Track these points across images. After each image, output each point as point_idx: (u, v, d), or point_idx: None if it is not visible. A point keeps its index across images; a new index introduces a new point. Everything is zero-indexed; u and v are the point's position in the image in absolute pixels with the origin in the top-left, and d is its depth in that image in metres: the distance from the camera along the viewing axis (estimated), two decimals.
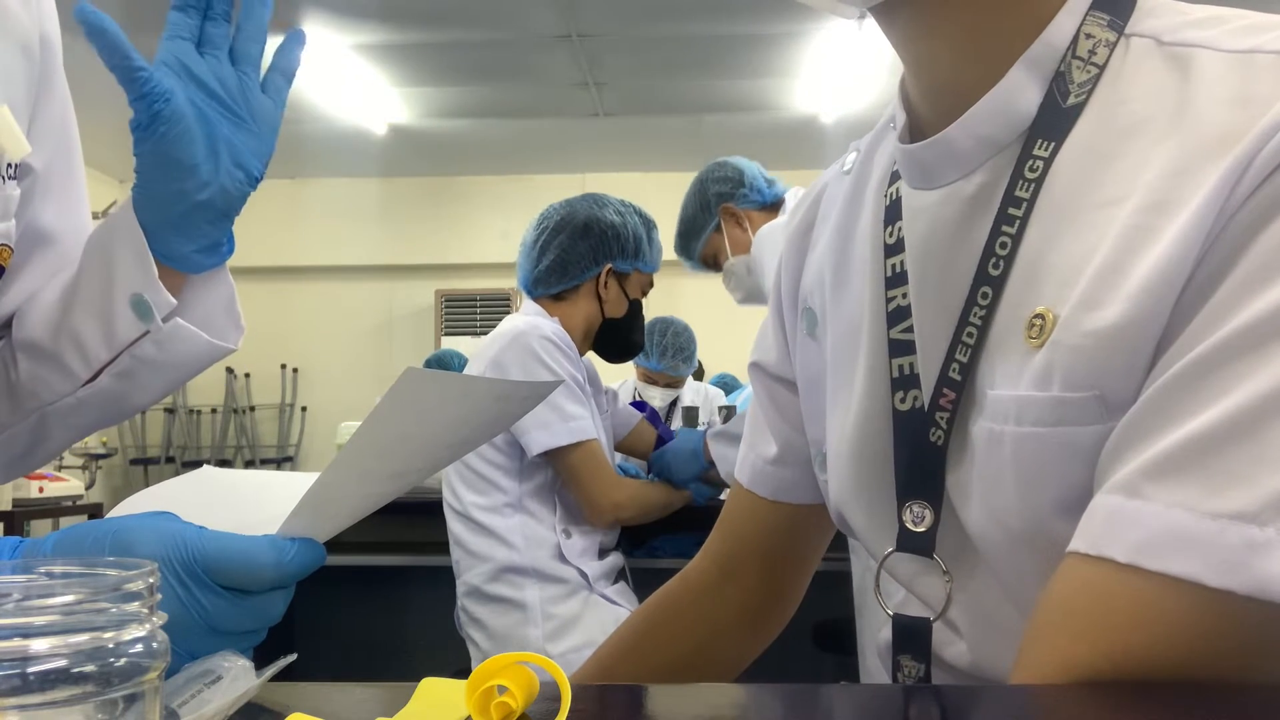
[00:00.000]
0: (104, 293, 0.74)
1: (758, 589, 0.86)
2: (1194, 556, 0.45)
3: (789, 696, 0.50)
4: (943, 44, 0.61)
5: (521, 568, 1.82)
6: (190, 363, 0.79)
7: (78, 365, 0.76)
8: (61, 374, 0.76)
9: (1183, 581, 0.45)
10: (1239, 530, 0.44)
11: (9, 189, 0.73)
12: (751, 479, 0.85)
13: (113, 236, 0.74)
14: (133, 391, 0.78)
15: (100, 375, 0.77)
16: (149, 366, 0.77)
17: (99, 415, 0.80)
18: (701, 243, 2.25)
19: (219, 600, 0.47)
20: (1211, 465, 0.46)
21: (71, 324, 0.75)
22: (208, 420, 7.00)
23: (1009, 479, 0.55)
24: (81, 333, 0.75)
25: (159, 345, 0.76)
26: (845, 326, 0.71)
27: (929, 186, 0.62)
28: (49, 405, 0.78)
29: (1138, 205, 0.52)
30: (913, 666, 0.64)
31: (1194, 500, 0.46)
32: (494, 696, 0.43)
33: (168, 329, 0.75)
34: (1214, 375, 0.47)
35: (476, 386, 0.58)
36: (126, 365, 0.76)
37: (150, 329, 0.74)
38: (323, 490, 0.50)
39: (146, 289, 0.73)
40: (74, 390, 0.77)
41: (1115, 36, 0.58)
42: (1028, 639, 0.51)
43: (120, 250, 0.73)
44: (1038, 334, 0.54)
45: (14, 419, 0.79)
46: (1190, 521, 0.45)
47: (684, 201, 2.27)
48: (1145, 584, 0.46)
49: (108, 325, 0.75)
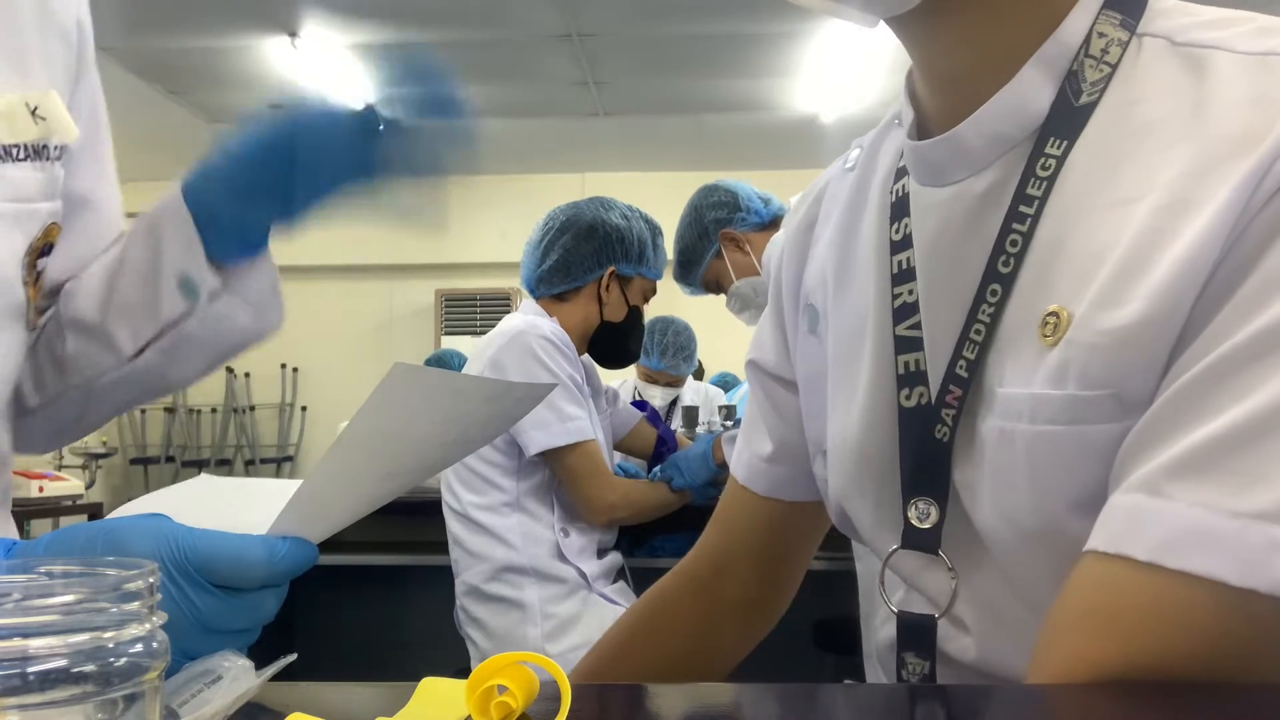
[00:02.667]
0: (152, 271, 0.77)
1: (751, 585, 0.86)
2: (1216, 555, 0.45)
3: (789, 696, 0.50)
4: (956, 44, 0.61)
5: (520, 567, 1.82)
6: (233, 341, 0.82)
7: (124, 341, 0.79)
8: (108, 349, 0.79)
9: (1205, 580, 0.45)
10: (1262, 530, 0.44)
11: (55, 169, 0.76)
12: (747, 476, 0.85)
13: (160, 218, 0.77)
14: (175, 367, 0.81)
15: (145, 351, 0.80)
16: (193, 343, 0.80)
17: (141, 390, 0.84)
18: (702, 269, 2.24)
19: (211, 598, 0.47)
20: (1234, 465, 0.46)
21: (119, 301, 0.78)
22: (208, 420, 7.00)
23: (1021, 477, 0.55)
24: (129, 309, 0.78)
25: (203, 323, 0.78)
26: (849, 323, 0.70)
27: (938, 184, 0.62)
28: (95, 379, 0.81)
29: (1155, 205, 0.52)
30: (917, 664, 0.64)
31: (1216, 499, 0.46)
32: (494, 696, 0.43)
33: (213, 308, 0.78)
34: (1236, 375, 0.47)
35: (468, 385, 0.58)
36: (171, 342, 0.79)
37: (196, 306, 0.77)
38: (313, 488, 0.50)
39: (193, 267, 0.76)
40: (120, 366, 0.80)
41: (1127, 36, 0.58)
42: (1045, 638, 0.51)
43: (168, 231, 0.76)
44: (1051, 332, 0.54)
45: (61, 391, 0.82)
46: (1213, 520, 0.45)
47: (680, 231, 2.25)
48: (1166, 583, 0.46)
49: (154, 303, 0.77)
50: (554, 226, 1.99)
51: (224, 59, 4.82)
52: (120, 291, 0.78)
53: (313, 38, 4.54)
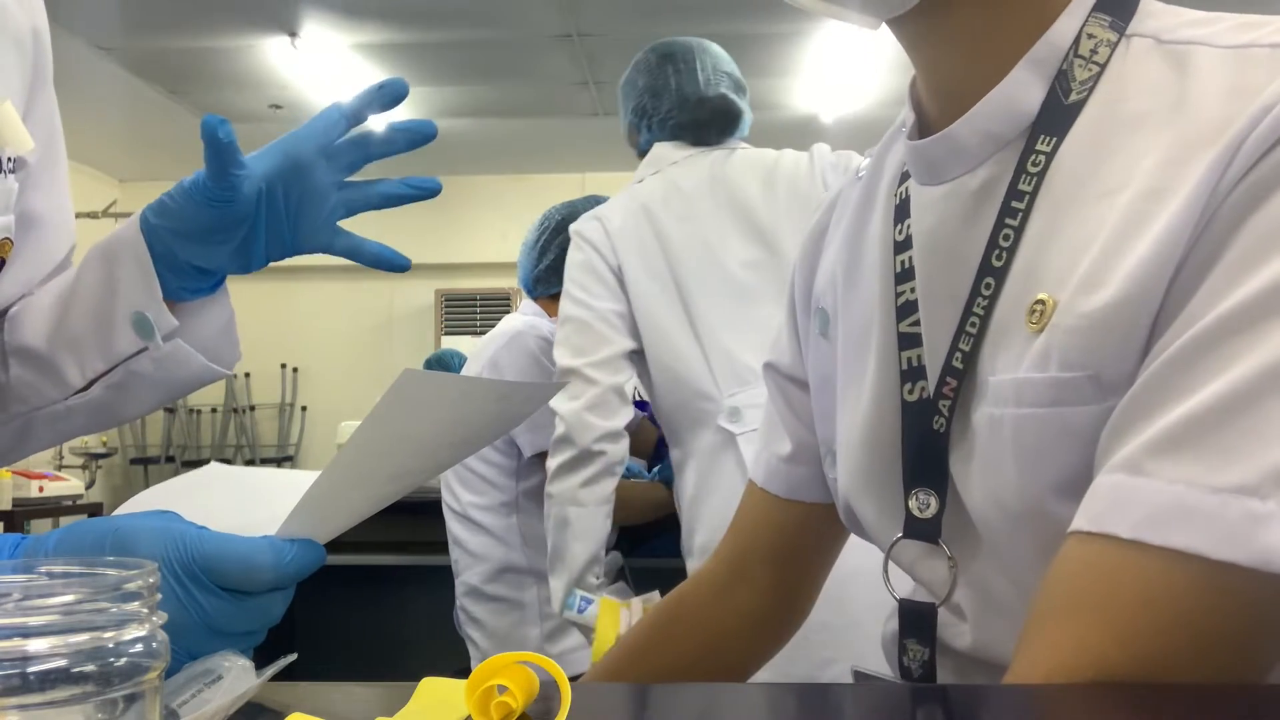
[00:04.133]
0: (105, 306, 0.74)
1: (768, 591, 0.86)
2: (1197, 530, 0.45)
3: (789, 696, 0.50)
4: (951, 46, 0.62)
5: (520, 567, 1.82)
6: (184, 382, 0.79)
7: (72, 374, 0.76)
8: (54, 381, 0.76)
9: (1186, 555, 0.46)
10: (1240, 503, 0.45)
11: (9, 182, 0.73)
12: (766, 477, 0.86)
13: (117, 252, 0.74)
14: (124, 403, 0.78)
15: (93, 385, 0.77)
16: (144, 381, 0.77)
17: (86, 422, 0.80)
18: None
19: (218, 600, 0.47)
20: (1212, 440, 0.46)
21: (68, 333, 0.75)
22: (208, 420, 7.00)
23: (1008, 460, 0.56)
24: (78, 342, 0.75)
25: (156, 363, 0.76)
26: (856, 323, 0.72)
27: (935, 182, 0.64)
28: (37, 410, 0.78)
29: (1135, 193, 0.54)
30: (918, 650, 0.65)
31: (1195, 475, 0.46)
32: (494, 696, 0.43)
33: (167, 348, 0.75)
34: (1212, 353, 0.48)
35: (475, 387, 0.58)
36: (120, 378, 0.76)
37: (150, 346, 0.74)
38: (321, 491, 0.50)
39: (149, 308, 0.73)
40: (64, 398, 0.77)
41: (1116, 37, 0.59)
42: (1033, 623, 0.51)
43: (125, 267, 0.73)
44: (1038, 319, 0.55)
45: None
46: (1192, 496, 0.46)
47: None
48: (1149, 559, 0.47)
49: (106, 339, 0.75)
50: (549, 226, 1.99)
51: (224, 59, 4.82)
52: (70, 323, 0.75)
53: (313, 38, 4.54)
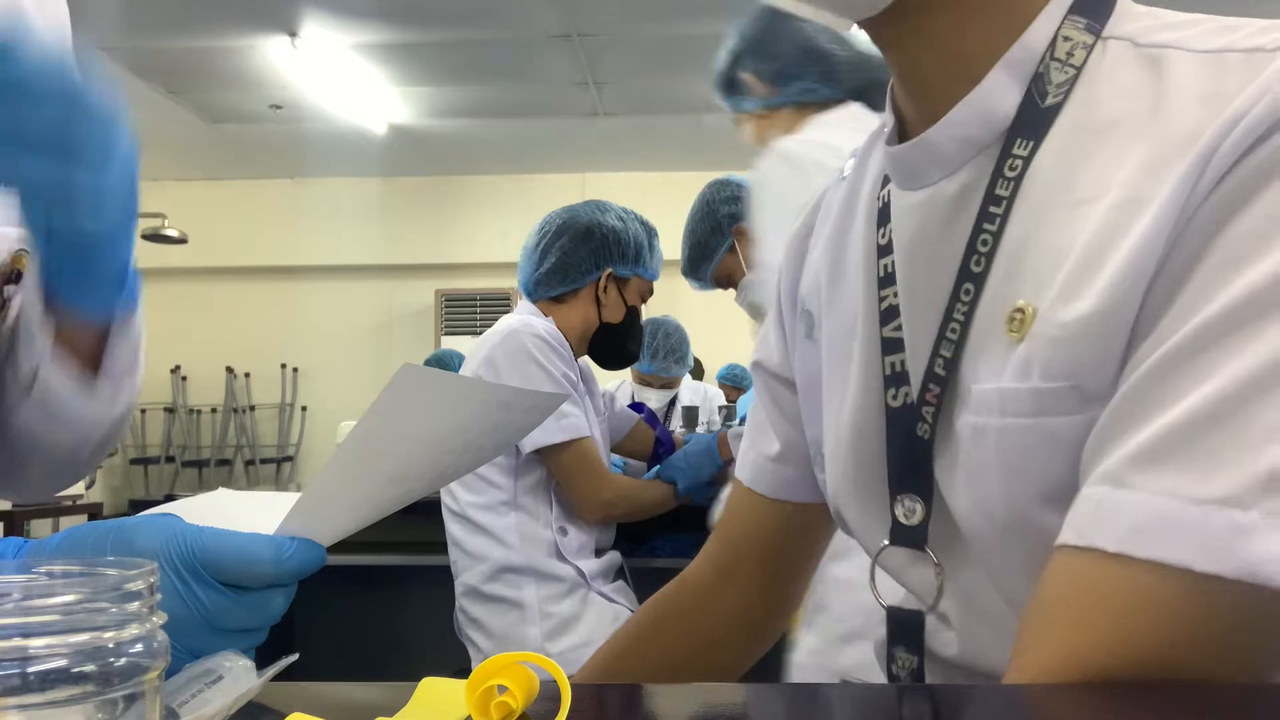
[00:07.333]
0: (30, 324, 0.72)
1: (755, 591, 0.86)
2: (1181, 542, 0.45)
3: (789, 696, 0.50)
4: (926, 49, 0.62)
5: (519, 567, 1.82)
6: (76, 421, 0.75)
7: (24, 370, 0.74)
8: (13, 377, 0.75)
9: (1171, 568, 0.46)
10: (1224, 515, 0.45)
11: None
12: (753, 477, 0.85)
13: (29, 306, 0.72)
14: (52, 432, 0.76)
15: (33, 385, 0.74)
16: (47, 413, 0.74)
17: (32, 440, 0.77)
18: (714, 264, 2.23)
19: (218, 596, 0.47)
20: (1194, 451, 0.46)
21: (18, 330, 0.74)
22: (208, 420, 7.00)
23: (993, 470, 0.56)
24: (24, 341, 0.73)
25: None
26: (840, 327, 0.72)
27: (914, 187, 0.64)
28: None
29: (1112, 202, 0.53)
30: (906, 659, 0.65)
31: (1178, 487, 0.46)
32: (494, 696, 0.43)
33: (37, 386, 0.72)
34: (1191, 363, 0.48)
35: (476, 389, 0.58)
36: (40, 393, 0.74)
37: None
38: (320, 488, 0.50)
39: None
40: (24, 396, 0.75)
41: (1093, 39, 0.59)
42: (1025, 634, 0.51)
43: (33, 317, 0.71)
44: (1018, 327, 0.55)
45: None
46: (1175, 508, 0.46)
47: (691, 226, 2.24)
48: (1135, 572, 0.47)
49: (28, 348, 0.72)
50: (550, 230, 2.00)
51: (224, 59, 4.83)
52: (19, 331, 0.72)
53: (313, 38, 4.54)
